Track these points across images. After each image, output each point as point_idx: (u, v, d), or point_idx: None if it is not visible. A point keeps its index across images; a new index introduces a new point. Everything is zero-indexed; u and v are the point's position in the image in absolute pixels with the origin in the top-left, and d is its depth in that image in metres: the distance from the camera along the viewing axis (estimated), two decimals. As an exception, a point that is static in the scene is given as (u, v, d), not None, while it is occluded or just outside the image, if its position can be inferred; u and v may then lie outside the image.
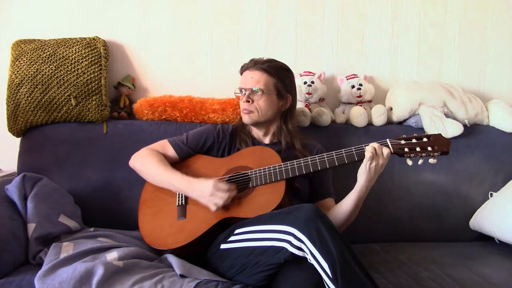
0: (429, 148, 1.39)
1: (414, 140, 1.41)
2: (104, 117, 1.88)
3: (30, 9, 2.00)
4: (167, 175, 1.52)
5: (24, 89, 1.80)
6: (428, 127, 1.91)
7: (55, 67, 1.82)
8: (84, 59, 1.85)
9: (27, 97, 1.80)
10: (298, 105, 1.99)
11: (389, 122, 2.04)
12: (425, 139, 1.41)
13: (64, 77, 1.82)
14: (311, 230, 1.17)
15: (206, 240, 1.44)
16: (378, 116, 1.99)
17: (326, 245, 1.14)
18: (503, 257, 1.68)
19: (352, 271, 1.13)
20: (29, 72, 1.80)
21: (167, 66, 2.06)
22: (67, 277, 1.22)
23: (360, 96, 2.02)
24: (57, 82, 1.81)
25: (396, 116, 2.01)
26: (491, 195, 1.90)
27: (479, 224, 1.84)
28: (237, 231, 1.35)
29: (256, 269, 1.27)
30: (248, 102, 1.57)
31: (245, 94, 1.58)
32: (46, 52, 1.83)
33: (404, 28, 2.14)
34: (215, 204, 1.41)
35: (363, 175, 1.39)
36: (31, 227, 1.45)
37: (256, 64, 1.59)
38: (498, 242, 1.81)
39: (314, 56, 2.11)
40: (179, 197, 1.53)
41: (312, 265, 1.17)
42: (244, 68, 1.63)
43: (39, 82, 1.80)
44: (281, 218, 1.25)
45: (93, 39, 1.91)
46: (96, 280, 1.22)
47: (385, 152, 1.38)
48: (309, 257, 1.17)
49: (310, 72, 2.03)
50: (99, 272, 1.24)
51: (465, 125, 1.96)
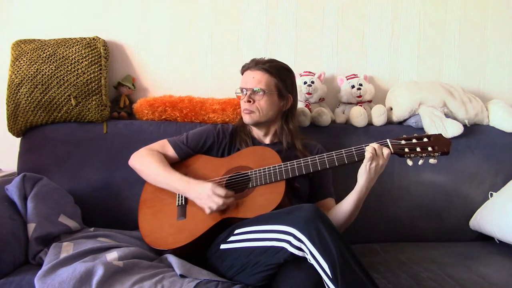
0: (430, 148, 1.39)
1: (414, 140, 1.41)
2: (104, 117, 1.88)
3: (30, 9, 1.99)
4: (166, 176, 1.52)
5: (24, 89, 1.80)
6: (428, 127, 1.91)
7: (55, 67, 1.82)
8: (84, 59, 1.85)
9: (27, 97, 1.80)
10: (298, 105, 1.99)
11: (389, 122, 2.04)
12: (425, 139, 1.41)
13: (64, 77, 1.82)
14: (311, 230, 1.16)
15: (206, 240, 1.44)
16: (378, 116, 1.99)
17: (326, 245, 1.14)
18: (503, 257, 1.68)
19: (352, 271, 1.13)
20: (29, 72, 1.80)
21: (167, 66, 2.06)
22: (67, 277, 1.22)
23: (360, 96, 2.02)
24: (57, 82, 1.81)
25: (396, 116, 2.01)
26: (491, 195, 1.90)
27: (479, 224, 1.84)
28: (237, 231, 1.35)
29: (256, 269, 1.26)
30: (249, 102, 1.57)
31: (246, 94, 1.58)
32: (46, 52, 1.83)
33: (404, 28, 2.14)
34: (209, 208, 1.41)
35: (363, 175, 1.38)
36: (31, 227, 1.45)
37: (258, 64, 1.59)
38: (498, 242, 1.80)
39: (314, 56, 2.11)
40: (179, 197, 1.53)
41: (312, 265, 1.17)
42: (245, 68, 1.63)
43: (39, 82, 1.80)
44: (281, 218, 1.25)
45: (93, 39, 1.91)
46: (96, 280, 1.22)
47: (385, 152, 1.38)
48: (309, 257, 1.17)
49: (310, 72, 2.03)
50: (99, 272, 1.24)
51: (465, 125, 1.95)
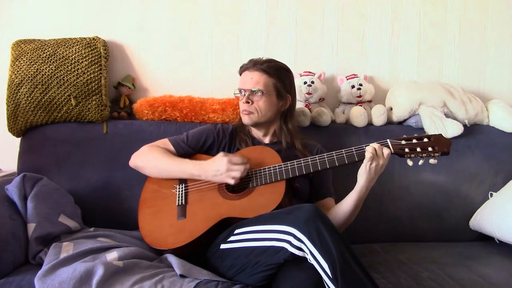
0: (430, 149, 1.39)
1: (414, 141, 1.41)
2: (104, 117, 1.88)
3: (30, 9, 1.99)
4: (175, 164, 1.53)
5: (24, 89, 1.80)
6: (428, 127, 1.91)
7: (55, 67, 1.82)
8: (84, 59, 1.85)
9: (27, 97, 1.80)
10: (298, 105, 1.99)
11: (389, 122, 2.04)
12: (425, 140, 1.41)
13: (64, 77, 1.82)
14: (311, 230, 1.16)
15: (206, 240, 1.44)
16: (378, 116, 1.99)
17: (326, 245, 1.14)
18: (503, 257, 1.68)
19: (352, 271, 1.13)
20: (29, 72, 1.80)
21: (167, 66, 2.06)
22: (67, 277, 1.22)
23: (360, 96, 2.02)
24: (57, 82, 1.81)
25: (396, 116, 2.01)
26: (491, 195, 1.90)
27: (479, 224, 1.84)
28: (237, 231, 1.35)
29: (256, 269, 1.26)
30: (248, 103, 1.57)
31: (244, 95, 1.58)
32: (46, 52, 1.83)
33: (404, 28, 2.14)
34: (233, 178, 1.43)
35: (363, 175, 1.38)
36: (31, 227, 1.45)
37: (256, 65, 1.59)
38: (498, 242, 1.80)
39: (314, 56, 2.11)
40: (179, 197, 1.53)
41: (312, 265, 1.16)
42: (243, 69, 1.63)
43: (39, 82, 1.80)
44: (281, 218, 1.25)
45: (93, 39, 1.91)
46: (96, 280, 1.22)
47: (386, 152, 1.37)
48: (309, 257, 1.17)
49: (310, 72, 2.03)
50: (99, 272, 1.24)
51: (465, 125, 1.95)
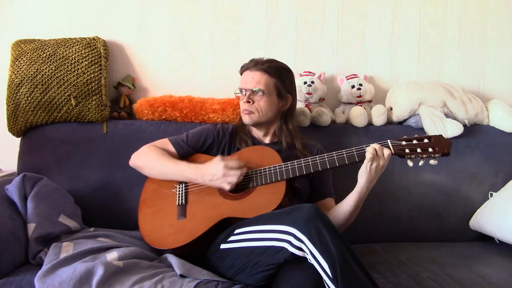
0: (430, 149, 1.39)
1: (415, 141, 1.41)
2: (104, 117, 1.88)
3: (30, 9, 1.99)
4: (173, 166, 1.53)
5: (24, 89, 1.80)
6: (428, 127, 1.91)
7: (55, 67, 1.82)
8: (84, 59, 1.85)
9: (27, 97, 1.80)
10: (298, 105, 1.99)
11: (389, 122, 2.04)
12: (426, 140, 1.41)
13: (64, 77, 1.82)
14: (311, 230, 1.16)
15: (206, 240, 1.44)
16: (378, 116, 1.99)
17: (326, 245, 1.14)
18: (503, 257, 1.68)
19: (352, 271, 1.13)
20: (29, 72, 1.80)
21: (167, 66, 2.06)
22: (67, 277, 1.22)
23: (360, 96, 2.02)
24: (57, 82, 1.81)
25: (396, 116, 2.01)
26: (491, 195, 1.90)
27: (479, 224, 1.84)
28: (237, 231, 1.35)
29: (256, 269, 1.26)
30: (249, 102, 1.57)
31: (245, 94, 1.58)
32: (46, 52, 1.83)
33: (404, 28, 2.14)
34: (229, 183, 1.42)
35: (363, 176, 1.38)
36: (31, 227, 1.45)
37: (257, 65, 1.59)
38: (498, 242, 1.80)
39: (314, 56, 2.11)
40: (179, 197, 1.53)
41: (312, 265, 1.16)
42: (244, 68, 1.63)
43: (39, 82, 1.80)
44: (281, 218, 1.25)
45: (93, 39, 1.91)
46: (96, 280, 1.22)
47: (386, 153, 1.37)
48: (309, 257, 1.17)
49: (310, 72, 2.03)
50: (99, 272, 1.24)
51: (465, 125, 1.96)
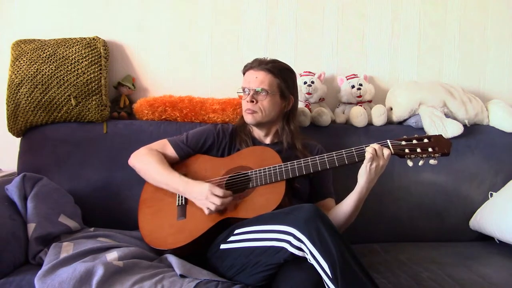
0: (430, 149, 1.39)
1: (414, 141, 1.41)
2: (104, 117, 1.88)
3: (30, 9, 1.99)
4: (165, 176, 1.52)
5: (24, 89, 1.80)
6: (428, 127, 1.91)
7: (55, 67, 1.82)
8: (84, 59, 1.85)
9: (27, 97, 1.80)
10: (298, 105, 1.99)
11: (389, 122, 2.04)
12: (426, 140, 1.41)
13: (64, 77, 1.82)
14: (311, 230, 1.16)
15: (206, 240, 1.44)
16: (378, 116, 1.99)
17: (326, 245, 1.14)
18: (503, 257, 1.68)
19: (352, 271, 1.13)
20: (29, 72, 1.80)
21: (167, 66, 2.06)
22: (67, 277, 1.22)
23: (360, 96, 2.02)
24: (57, 82, 1.81)
25: (396, 116, 2.01)
26: (491, 195, 1.90)
27: (479, 224, 1.84)
28: (237, 231, 1.35)
29: (256, 269, 1.26)
30: (252, 102, 1.57)
31: (249, 94, 1.58)
32: (46, 52, 1.83)
33: (404, 28, 2.14)
34: (208, 208, 1.42)
35: (363, 176, 1.38)
36: (31, 227, 1.45)
37: (261, 64, 1.59)
38: (498, 242, 1.80)
39: (314, 56, 2.11)
40: (179, 197, 1.53)
41: (312, 265, 1.17)
42: (247, 68, 1.62)
43: (39, 82, 1.80)
44: (281, 218, 1.25)
45: (93, 39, 1.91)
46: (96, 280, 1.22)
47: (386, 153, 1.37)
48: (309, 257, 1.17)
49: (310, 72, 2.03)
50: (99, 272, 1.24)
51: (465, 125, 1.95)
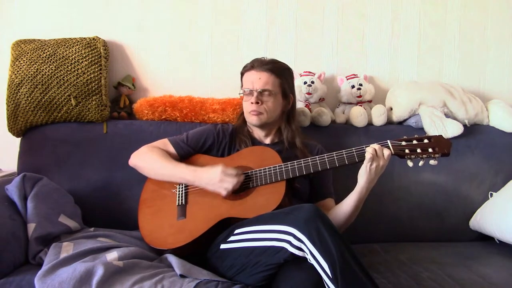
0: (430, 150, 1.39)
1: (415, 142, 1.41)
2: (104, 117, 1.88)
3: (30, 9, 1.99)
4: (171, 167, 1.53)
5: (24, 89, 1.80)
6: (428, 127, 1.91)
7: (55, 67, 1.82)
8: (84, 59, 1.85)
9: (27, 97, 1.80)
10: (298, 105, 1.99)
11: (389, 122, 2.04)
12: (426, 141, 1.41)
13: (64, 77, 1.82)
14: (311, 230, 1.16)
15: (206, 240, 1.44)
16: (378, 116, 1.99)
17: (326, 245, 1.14)
18: (503, 257, 1.68)
19: (352, 271, 1.13)
20: (29, 72, 1.80)
21: (167, 66, 2.06)
22: (67, 277, 1.22)
23: (360, 96, 2.02)
24: (57, 82, 1.81)
25: (396, 116, 2.01)
26: (491, 195, 1.90)
27: (479, 224, 1.84)
28: (237, 231, 1.35)
29: (256, 269, 1.27)
30: (257, 103, 1.57)
31: (253, 95, 1.57)
32: (46, 52, 1.83)
33: (404, 28, 2.14)
34: (225, 189, 1.43)
35: (363, 176, 1.38)
36: (31, 227, 1.45)
37: (263, 65, 1.59)
38: (498, 242, 1.80)
39: (314, 56, 2.11)
40: (179, 197, 1.53)
41: (312, 265, 1.17)
42: (248, 68, 1.62)
43: (39, 82, 1.80)
44: (281, 218, 1.25)
45: (93, 39, 1.91)
46: (96, 280, 1.22)
47: (386, 153, 1.37)
48: (309, 257, 1.17)
49: (310, 72, 2.03)
50: (99, 272, 1.24)
51: (465, 125, 1.95)
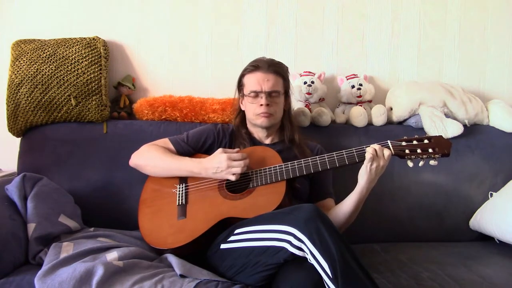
0: (430, 150, 1.39)
1: (415, 142, 1.41)
2: (104, 117, 1.88)
3: (30, 9, 1.99)
4: (175, 162, 1.54)
5: (24, 89, 1.80)
6: (428, 127, 1.91)
7: (55, 67, 1.82)
8: (84, 59, 1.85)
9: (27, 97, 1.80)
10: (298, 105, 2.00)
11: (389, 122, 2.04)
12: (426, 141, 1.41)
13: (64, 77, 1.82)
14: (311, 230, 1.16)
15: (206, 240, 1.44)
16: (378, 116, 1.99)
17: (326, 245, 1.14)
18: (503, 257, 1.68)
19: (352, 271, 1.13)
20: (29, 72, 1.80)
21: (167, 66, 2.06)
22: (67, 277, 1.22)
23: (360, 96, 2.02)
24: (57, 82, 1.81)
25: (396, 116, 2.01)
26: (491, 195, 1.90)
27: (479, 224, 1.84)
28: (237, 231, 1.35)
29: (256, 269, 1.26)
30: (268, 105, 1.57)
31: (263, 97, 1.57)
32: (46, 52, 1.83)
33: (404, 28, 2.14)
34: (234, 174, 1.43)
35: (363, 176, 1.38)
36: (31, 227, 1.45)
37: (269, 66, 1.59)
38: (498, 242, 1.80)
39: (314, 56, 2.11)
40: (179, 197, 1.53)
41: (312, 265, 1.16)
42: (251, 70, 1.60)
43: (39, 82, 1.80)
44: (281, 218, 1.25)
45: (93, 39, 1.91)
46: (96, 280, 1.22)
47: (386, 153, 1.37)
48: (309, 257, 1.17)
49: (310, 72, 2.03)
50: (99, 272, 1.24)
51: (465, 125, 1.96)
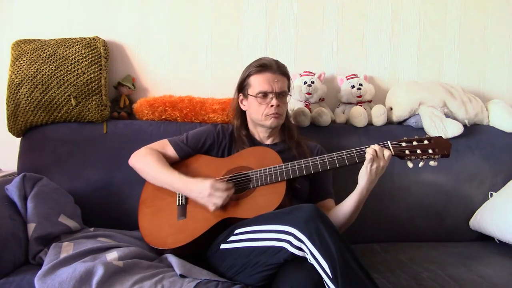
0: (430, 151, 1.39)
1: (415, 143, 1.41)
2: (104, 117, 1.88)
3: (30, 9, 1.99)
4: (165, 175, 1.53)
5: (24, 89, 1.80)
6: (428, 127, 1.91)
7: (55, 67, 1.82)
8: (84, 59, 1.85)
9: (27, 97, 1.80)
10: (298, 105, 2.00)
11: (389, 122, 2.04)
12: (426, 142, 1.41)
13: (64, 77, 1.82)
14: (311, 230, 1.17)
15: (206, 240, 1.44)
16: (378, 116, 1.99)
17: (326, 245, 1.14)
18: (503, 257, 1.68)
19: (352, 271, 1.13)
20: (29, 72, 1.80)
21: (167, 66, 2.06)
22: (67, 277, 1.23)
23: (360, 96, 2.02)
24: (57, 82, 1.81)
25: (396, 116, 2.01)
26: (491, 195, 1.90)
27: (479, 224, 1.84)
28: (237, 231, 1.35)
29: (256, 269, 1.27)
30: (278, 106, 1.58)
31: (273, 98, 1.57)
32: (46, 52, 1.83)
33: (404, 28, 2.14)
34: (214, 204, 1.42)
35: (364, 177, 1.38)
36: (31, 227, 1.45)
37: (278, 67, 1.60)
38: (498, 242, 1.80)
39: (314, 56, 2.11)
40: (179, 197, 1.53)
41: (312, 265, 1.17)
42: (260, 70, 1.59)
43: (39, 82, 1.80)
44: (281, 218, 1.25)
45: (93, 39, 1.91)
46: (96, 280, 1.22)
47: (386, 154, 1.37)
48: (309, 257, 1.17)
49: (310, 72, 2.03)
50: (99, 272, 1.24)
51: (465, 125, 1.96)
